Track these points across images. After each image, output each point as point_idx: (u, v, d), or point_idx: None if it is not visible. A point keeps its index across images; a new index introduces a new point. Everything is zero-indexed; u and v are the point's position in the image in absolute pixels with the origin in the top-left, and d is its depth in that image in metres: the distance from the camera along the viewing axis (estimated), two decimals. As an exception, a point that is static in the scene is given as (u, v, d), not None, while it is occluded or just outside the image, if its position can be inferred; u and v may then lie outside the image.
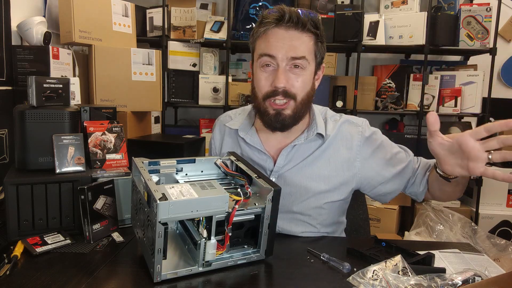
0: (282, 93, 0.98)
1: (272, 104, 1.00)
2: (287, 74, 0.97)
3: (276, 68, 0.98)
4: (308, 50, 0.98)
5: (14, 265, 0.81)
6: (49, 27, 1.70)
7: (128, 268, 0.83)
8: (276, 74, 0.97)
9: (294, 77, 0.98)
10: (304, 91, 1.01)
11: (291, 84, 0.98)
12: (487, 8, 2.29)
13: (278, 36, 0.96)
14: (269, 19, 0.97)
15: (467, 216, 2.34)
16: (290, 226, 1.08)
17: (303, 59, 0.97)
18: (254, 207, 0.82)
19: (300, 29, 0.96)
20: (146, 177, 0.77)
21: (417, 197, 1.11)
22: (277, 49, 0.96)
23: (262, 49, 0.99)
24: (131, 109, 1.84)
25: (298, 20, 0.95)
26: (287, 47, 0.95)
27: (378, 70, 2.53)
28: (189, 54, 2.43)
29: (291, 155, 1.08)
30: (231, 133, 1.17)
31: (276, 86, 0.97)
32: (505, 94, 2.69)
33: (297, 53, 0.96)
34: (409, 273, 0.74)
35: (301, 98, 1.00)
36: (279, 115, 1.00)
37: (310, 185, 1.06)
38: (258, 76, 1.01)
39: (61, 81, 1.09)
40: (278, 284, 0.78)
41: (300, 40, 0.97)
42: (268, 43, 0.97)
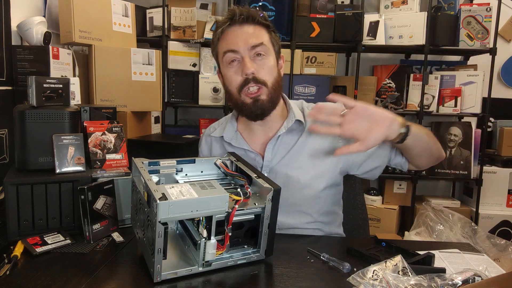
0: (253, 80, 1.03)
1: (247, 94, 1.05)
2: (252, 62, 1.04)
3: (241, 60, 1.04)
4: (265, 38, 1.05)
5: (14, 265, 0.81)
6: (49, 27, 1.70)
7: (128, 268, 0.83)
8: (243, 64, 1.03)
9: (259, 64, 1.04)
10: (272, 76, 1.06)
11: (258, 71, 1.04)
12: (487, 8, 2.29)
13: (235, 32, 1.04)
14: (222, 20, 1.06)
15: (467, 216, 2.34)
16: (288, 219, 1.10)
17: (262, 45, 1.04)
18: (254, 207, 0.82)
19: (252, 22, 1.04)
20: (146, 177, 0.78)
21: (402, 166, 1.14)
22: (237, 43, 1.03)
23: (223, 47, 1.06)
24: (131, 109, 1.84)
25: (249, 15, 1.04)
26: (245, 38, 1.03)
27: (378, 70, 2.53)
28: (189, 54, 2.43)
29: (276, 148, 1.12)
30: (217, 140, 1.21)
31: (246, 73, 1.02)
32: (505, 94, 2.69)
33: (255, 41, 1.03)
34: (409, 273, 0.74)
35: (271, 84, 1.05)
36: (256, 101, 1.05)
37: (300, 174, 1.09)
38: (227, 74, 1.07)
39: (61, 81, 1.09)
40: (278, 284, 0.78)
41: (255, 31, 1.05)
42: (228, 40, 1.05)
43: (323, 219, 1.13)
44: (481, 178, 2.37)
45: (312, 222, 1.11)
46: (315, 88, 2.36)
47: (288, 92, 2.33)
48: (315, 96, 2.35)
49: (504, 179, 2.42)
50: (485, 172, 2.38)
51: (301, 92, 2.37)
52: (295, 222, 1.10)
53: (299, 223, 1.10)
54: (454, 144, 2.40)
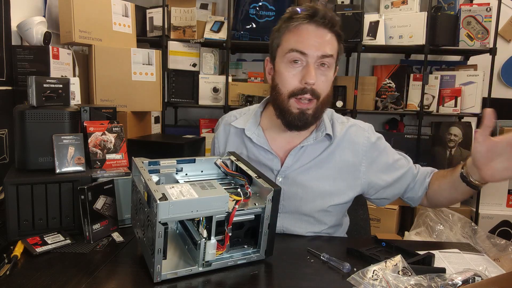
0: (310, 92, 0.97)
1: (297, 102, 0.99)
2: (316, 70, 0.97)
3: (305, 65, 0.97)
4: (335, 50, 0.99)
5: (14, 265, 0.81)
6: (49, 27, 1.70)
7: (128, 268, 0.83)
8: (307, 70, 0.96)
9: (321, 76, 0.98)
10: (326, 91, 1.01)
11: (318, 83, 0.98)
12: (487, 8, 2.29)
13: (309, 32, 0.96)
14: (301, 15, 0.97)
15: (467, 216, 2.34)
16: (295, 227, 1.08)
17: (331, 57, 0.98)
18: (254, 207, 0.82)
19: (329, 28, 0.97)
20: (146, 177, 0.77)
21: (414, 202, 1.13)
22: (309, 46, 0.96)
23: (292, 44, 0.97)
24: (131, 109, 1.84)
25: (331, 20, 0.96)
26: (319, 44, 0.96)
27: (378, 70, 2.53)
28: (189, 54, 2.43)
29: (299, 156, 1.08)
30: (237, 132, 1.15)
31: (308, 82, 0.96)
32: (505, 94, 2.69)
33: (327, 51, 0.96)
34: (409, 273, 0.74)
35: (323, 98, 1.01)
36: (302, 114, 1.00)
37: (316, 186, 1.07)
38: (284, 73, 0.99)
39: (61, 81, 1.09)
40: (278, 284, 0.78)
41: (330, 39, 0.98)
42: (300, 38, 0.96)
43: (329, 230, 1.11)
44: (481, 178, 2.36)
45: (317, 232, 1.09)
46: (315, 88, 2.36)
47: (288, 92, 2.33)
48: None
49: (504, 179, 2.42)
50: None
51: (301, 92, 2.36)
52: (301, 231, 1.08)
53: (304, 232, 1.08)
54: (454, 144, 2.40)
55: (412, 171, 1.11)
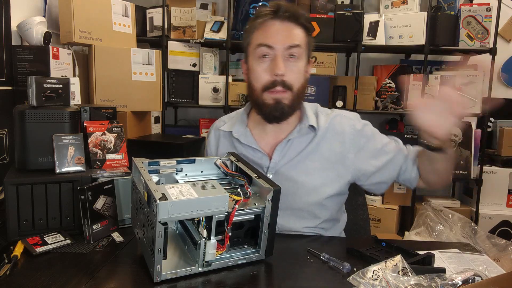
0: (281, 84, 1.00)
1: (271, 93, 1.02)
2: (285, 62, 1.01)
3: (274, 57, 1.01)
4: (302, 40, 1.02)
5: (14, 265, 0.81)
6: (49, 27, 1.70)
7: (128, 268, 0.83)
8: (275, 63, 1.00)
9: (290, 68, 1.01)
10: (300, 82, 1.04)
11: (288, 74, 1.01)
12: (487, 8, 2.29)
13: (275, 26, 1.01)
14: (265, 12, 1.01)
15: (467, 216, 2.34)
16: (289, 223, 1.09)
17: (298, 47, 1.01)
18: (254, 207, 0.82)
19: (294, 21, 1.01)
20: (146, 177, 0.78)
21: (411, 183, 1.12)
22: (275, 39, 1.00)
23: (259, 40, 1.02)
24: (131, 109, 1.84)
25: (294, 13, 1.01)
26: (284, 37, 1.00)
27: (378, 70, 2.53)
28: (189, 54, 2.43)
29: (285, 150, 1.10)
30: (225, 135, 1.19)
31: (276, 73, 0.99)
32: (505, 94, 2.69)
33: (293, 41, 1.00)
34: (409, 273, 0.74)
35: (297, 89, 1.04)
36: (278, 103, 1.03)
37: (306, 179, 1.08)
38: (255, 68, 1.03)
39: (61, 81, 1.09)
40: (278, 284, 0.78)
41: (295, 31, 1.02)
42: (265, 33, 1.01)
43: (324, 225, 1.12)
44: (481, 178, 2.37)
45: (313, 227, 1.10)
46: (315, 88, 2.36)
47: (288, 92, 2.33)
48: (315, 96, 2.35)
49: (504, 179, 2.42)
50: (485, 172, 2.38)
51: (301, 92, 2.36)
52: (296, 226, 1.09)
53: (300, 227, 1.09)
54: (454, 144, 2.40)
55: (403, 152, 1.11)
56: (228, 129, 1.17)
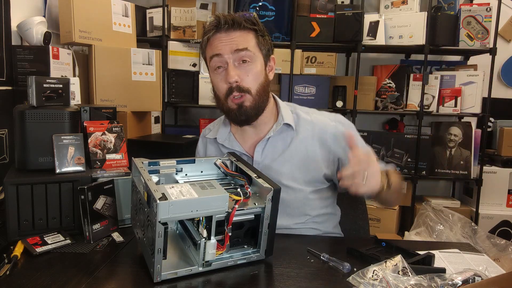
0: (236, 89, 1.04)
1: (233, 99, 1.05)
2: (236, 69, 1.04)
3: (226, 67, 1.04)
4: (250, 43, 1.05)
5: (14, 265, 0.81)
6: (49, 27, 1.70)
7: (128, 268, 0.83)
8: (227, 71, 1.04)
9: (244, 71, 1.04)
10: (257, 83, 1.06)
11: (242, 79, 1.04)
12: (487, 8, 2.29)
13: (220, 38, 1.04)
14: (208, 27, 1.06)
15: (467, 216, 2.34)
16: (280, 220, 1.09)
17: (247, 50, 1.03)
18: (254, 207, 0.82)
19: (237, 28, 1.04)
20: (146, 177, 0.78)
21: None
22: (222, 47, 1.04)
23: (210, 53, 1.07)
24: (131, 109, 1.84)
25: (234, 21, 1.03)
26: (230, 44, 1.03)
27: (378, 70, 2.53)
28: (189, 54, 2.43)
29: (266, 150, 1.12)
30: (212, 142, 1.22)
31: (229, 81, 1.03)
32: (505, 94, 2.69)
33: (239, 45, 1.03)
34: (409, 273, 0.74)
35: (256, 90, 1.06)
36: (240, 107, 1.06)
37: (288, 178, 1.10)
38: (214, 80, 1.09)
39: (61, 81, 1.09)
40: (278, 284, 0.78)
41: (241, 37, 1.04)
42: (213, 46, 1.06)
43: (317, 219, 1.14)
44: (481, 178, 2.37)
45: (303, 222, 1.12)
46: (315, 88, 2.36)
47: (288, 92, 2.33)
48: (315, 96, 2.35)
49: (504, 179, 2.42)
50: (485, 172, 2.38)
51: (301, 92, 2.37)
52: (288, 223, 1.10)
53: (292, 224, 1.11)
54: (454, 144, 2.40)
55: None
56: (213, 136, 1.21)
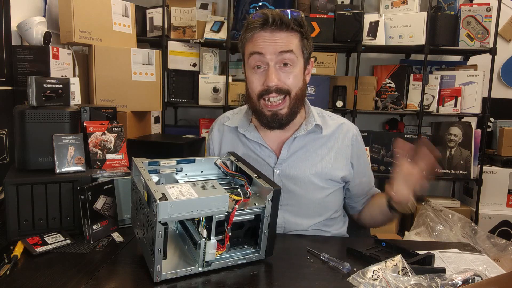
0: (275, 91, 1.02)
1: (267, 105, 1.04)
2: (277, 72, 1.02)
3: (267, 68, 1.02)
4: (294, 46, 1.02)
5: (14, 265, 0.81)
6: (49, 27, 1.70)
7: (128, 268, 0.83)
8: (267, 74, 1.01)
9: (285, 75, 1.02)
10: (297, 87, 1.05)
11: (283, 82, 1.02)
12: (487, 8, 2.29)
13: (264, 37, 1.01)
14: (254, 24, 1.02)
15: (467, 216, 2.34)
16: (296, 219, 1.11)
17: (291, 52, 1.01)
18: (254, 207, 0.82)
19: (285, 29, 1.01)
20: (146, 177, 0.78)
21: (351, 211, 1.25)
22: (265, 47, 1.01)
23: (250, 48, 1.04)
24: (131, 109, 1.84)
25: (282, 22, 1.00)
26: (274, 44, 1.00)
27: (378, 70, 2.53)
28: (189, 54, 2.43)
29: (292, 148, 1.11)
30: (231, 131, 1.20)
31: (268, 85, 1.01)
32: (505, 94, 2.69)
33: (284, 47, 1.00)
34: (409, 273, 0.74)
35: (295, 93, 1.05)
36: (275, 115, 1.04)
37: (311, 178, 1.10)
38: (250, 78, 1.06)
39: (61, 81, 1.09)
40: (278, 284, 0.78)
41: (286, 39, 1.01)
42: (256, 43, 1.02)
43: (329, 222, 1.14)
44: (481, 178, 2.37)
45: (317, 223, 1.12)
46: (315, 88, 2.36)
47: (288, 92, 2.33)
48: (315, 96, 2.35)
49: (504, 179, 2.42)
50: (485, 172, 2.38)
51: (301, 92, 2.36)
52: (302, 223, 1.10)
53: (306, 224, 1.10)
54: (454, 144, 2.40)
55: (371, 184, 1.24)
56: (233, 124, 1.18)
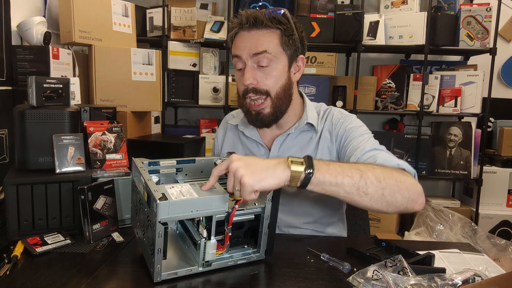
0: (252, 91, 1.02)
1: (251, 104, 1.05)
2: (254, 72, 1.02)
3: (245, 67, 1.03)
4: (272, 45, 1.01)
5: (14, 265, 0.81)
6: (49, 27, 1.70)
7: (128, 268, 0.83)
8: (243, 73, 1.03)
9: (262, 75, 1.02)
10: (277, 85, 1.03)
11: (259, 81, 1.02)
12: (487, 8, 2.29)
13: (242, 38, 1.03)
14: (233, 25, 1.05)
15: (467, 216, 2.34)
16: (288, 218, 1.11)
17: (265, 53, 1.00)
18: (254, 207, 0.82)
19: (260, 27, 1.01)
20: (146, 177, 0.77)
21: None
22: (241, 49, 1.03)
23: (232, 51, 1.07)
24: (131, 109, 1.84)
25: (256, 20, 1.00)
26: (249, 46, 1.01)
27: (378, 70, 2.53)
28: (189, 54, 2.43)
29: (284, 145, 1.12)
30: (232, 128, 1.23)
31: (244, 83, 1.02)
32: (505, 94, 2.69)
33: (257, 48, 1.00)
34: (409, 273, 0.74)
35: (275, 92, 1.03)
36: (258, 114, 1.05)
37: None
38: (236, 80, 1.10)
39: (61, 81, 1.09)
40: (278, 284, 0.78)
41: (262, 37, 1.01)
42: (235, 45, 1.05)
43: (324, 220, 1.13)
44: (481, 178, 2.37)
45: (312, 222, 1.11)
46: (315, 88, 2.36)
47: (288, 92, 2.33)
48: (315, 96, 2.35)
49: (504, 179, 2.42)
50: (485, 172, 2.38)
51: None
52: (296, 222, 1.10)
53: (298, 222, 1.11)
54: (454, 144, 2.40)
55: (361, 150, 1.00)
56: (234, 122, 1.21)
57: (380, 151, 0.98)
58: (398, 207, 0.86)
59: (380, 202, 0.84)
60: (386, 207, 0.85)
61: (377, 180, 0.83)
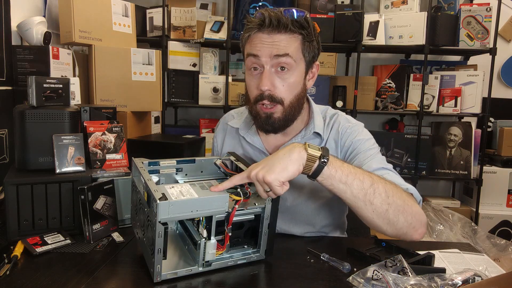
0: (267, 98, 0.96)
1: (262, 108, 0.99)
2: (272, 77, 0.96)
3: (262, 71, 0.97)
4: (293, 49, 0.95)
5: (14, 265, 0.81)
6: (49, 27, 1.70)
7: (128, 268, 0.83)
8: (261, 77, 0.96)
9: (280, 81, 0.96)
10: (292, 94, 0.99)
11: (276, 88, 0.96)
12: (487, 8, 2.29)
13: (261, 38, 0.96)
14: (251, 24, 0.97)
15: (467, 216, 2.34)
16: (293, 228, 1.09)
17: (287, 56, 0.94)
18: (254, 207, 0.82)
19: (283, 31, 0.95)
20: (146, 177, 0.77)
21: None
22: (260, 49, 0.95)
23: (248, 49, 0.99)
24: (131, 109, 1.84)
25: (279, 23, 0.93)
26: (270, 47, 0.94)
27: (378, 70, 2.53)
28: (189, 54, 2.43)
29: None
30: (232, 131, 1.17)
31: (261, 89, 0.96)
32: (505, 94, 2.69)
33: (279, 51, 0.94)
34: (409, 273, 0.74)
35: (289, 101, 0.98)
36: (269, 118, 0.99)
37: (308, 184, 1.06)
38: (247, 81, 1.02)
39: (61, 81, 1.09)
40: (278, 284, 0.78)
41: (284, 41, 0.95)
42: (252, 44, 0.97)
43: (326, 230, 1.11)
44: (481, 178, 2.37)
45: (314, 232, 1.10)
46: (315, 88, 2.36)
47: (288, 92, 2.33)
48: (315, 96, 2.35)
49: (504, 179, 2.42)
50: (485, 172, 2.38)
51: (301, 92, 2.36)
52: (299, 231, 1.08)
53: (301, 232, 1.09)
54: (454, 144, 2.40)
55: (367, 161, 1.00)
56: (235, 125, 1.15)
57: (388, 172, 0.97)
58: (397, 230, 0.85)
59: (382, 217, 0.83)
60: (386, 225, 0.84)
61: (385, 194, 0.83)
